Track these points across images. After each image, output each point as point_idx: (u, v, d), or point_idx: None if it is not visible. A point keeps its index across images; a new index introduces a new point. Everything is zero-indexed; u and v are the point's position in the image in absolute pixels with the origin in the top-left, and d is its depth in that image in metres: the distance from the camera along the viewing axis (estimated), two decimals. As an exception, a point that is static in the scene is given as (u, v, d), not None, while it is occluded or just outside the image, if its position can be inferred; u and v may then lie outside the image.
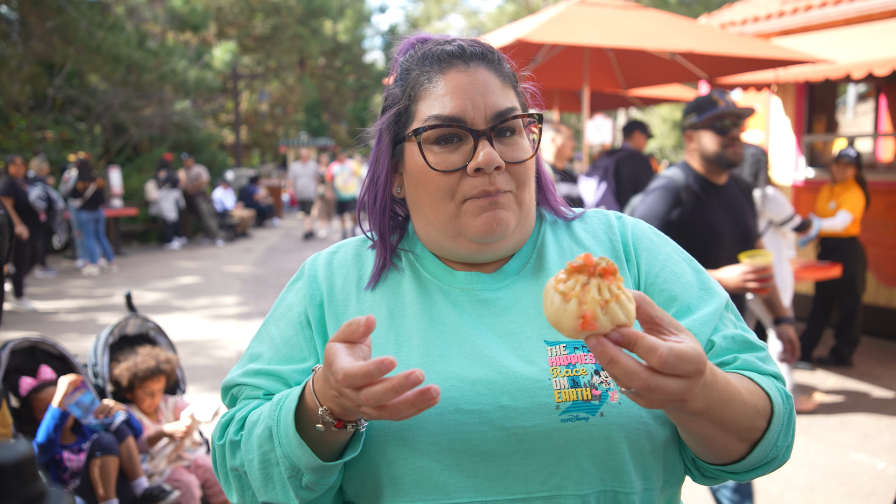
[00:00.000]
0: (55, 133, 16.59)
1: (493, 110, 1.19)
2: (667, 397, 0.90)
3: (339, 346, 0.99)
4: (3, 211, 2.72)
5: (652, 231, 1.34)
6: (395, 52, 1.34)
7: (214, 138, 24.18)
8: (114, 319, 8.66)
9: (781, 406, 1.12)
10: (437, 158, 1.19)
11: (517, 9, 34.70)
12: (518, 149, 1.22)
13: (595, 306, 0.89)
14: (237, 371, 1.28)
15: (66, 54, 15.85)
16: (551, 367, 1.13)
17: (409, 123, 1.23)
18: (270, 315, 1.34)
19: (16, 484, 0.45)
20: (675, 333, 0.93)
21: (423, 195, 1.23)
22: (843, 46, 8.00)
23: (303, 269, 1.35)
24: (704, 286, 1.26)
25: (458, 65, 1.21)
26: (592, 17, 6.73)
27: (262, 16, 30.13)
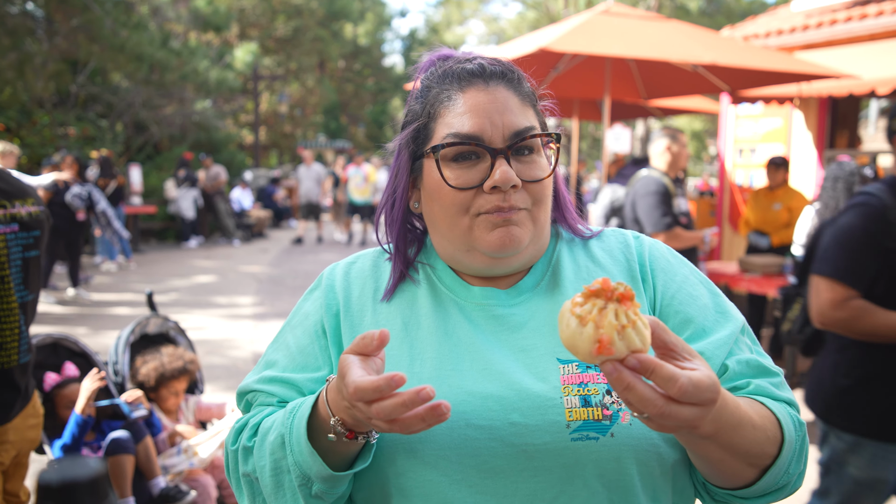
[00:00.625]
0: (77, 130, 16.77)
1: (511, 129, 1.20)
2: (679, 424, 0.91)
3: (353, 359, 1.00)
4: (43, 208, 2.79)
5: (669, 252, 1.35)
6: (417, 68, 1.34)
7: (234, 138, 24.36)
8: (131, 316, 8.74)
9: (793, 433, 1.13)
10: (454, 175, 1.20)
11: (538, 16, 34.71)
12: (535, 167, 1.22)
13: (612, 331, 0.89)
14: (253, 377, 1.30)
15: (90, 52, 16.03)
16: (563, 385, 1.14)
17: (428, 140, 1.24)
18: (287, 323, 1.36)
19: (88, 500, 0.46)
20: (689, 360, 0.94)
21: (438, 210, 1.24)
22: (867, 61, 7.95)
23: (321, 278, 1.37)
24: (720, 309, 1.26)
25: (477, 83, 1.22)
26: (615, 28, 6.73)
27: (284, 18, 30.35)
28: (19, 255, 2.68)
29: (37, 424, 2.84)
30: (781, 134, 9.46)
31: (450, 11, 43.44)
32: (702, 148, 36.61)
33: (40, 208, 2.79)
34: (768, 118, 9.66)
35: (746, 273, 7.05)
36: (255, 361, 7.28)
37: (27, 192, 2.77)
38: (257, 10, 29.16)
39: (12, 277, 2.63)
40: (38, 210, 2.77)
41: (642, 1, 29.29)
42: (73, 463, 0.49)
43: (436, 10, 47.47)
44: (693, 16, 28.38)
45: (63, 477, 0.47)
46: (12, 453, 2.71)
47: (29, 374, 2.76)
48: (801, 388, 6.63)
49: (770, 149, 9.48)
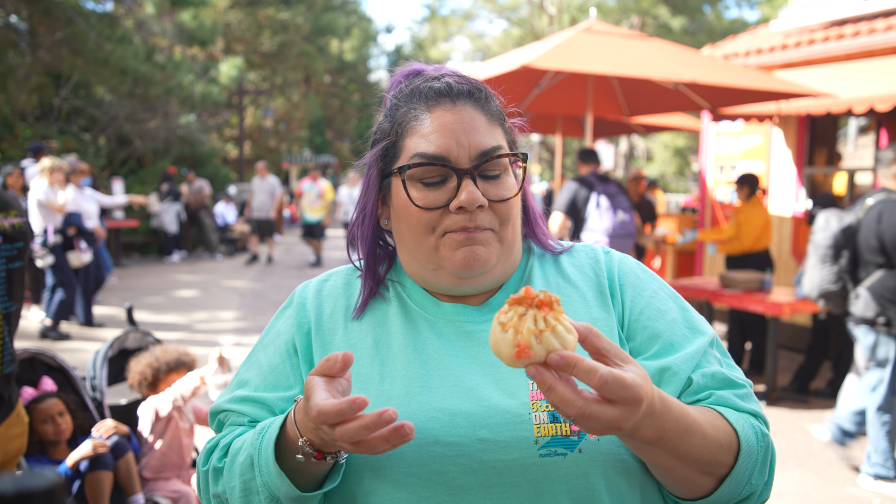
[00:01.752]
0: (60, 143, 16.64)
1: (478, 149, 1.20)
2: (604, 425, 0.92)
3: (317, 381, 1.01)
4: (25, 220, 2.79)
5: (639, 267, 1.36)
6: (390, 82, 1.36)
7: (218, 153, 24.29)
8: (113, 330, 8.66)
9: (754, 443, 1.13)
10: (421, 195, 1.21)
11: (523, 33, 34.98)
12: (502, 187, 1.23)
13: (530, 336, 0.92)
14: (225, 397, 1.30)
15: (73, 65, 15.96)
16: (531, 401, 1.14)
17: (396, 159, 1.25)
18: (260, 341, 1.36)
19: (44, 510, 0.47)
20: (620, 364, 0.95)
21: (405, 228, 1.25)
22: (844, 81, 8.08)
23: (293, 296, 1.37)
24: (689, 324, 1.27)
25: (444, 103, 1.23)
26: (598, 46, 6.80)
27: (270, 33, 30.38)
28: (3, 266, 2.68)
29: (22, 433, 2.82)
30: (761, 151, 9.58)
31: (435, 28, 43.67)
32: (684, 165, 36.92)
33: (23, 220, 2.79)
34: (748, 135, 9.78)
35: (727, 289, 7.10)
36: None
37: (9, 204, 2.77)
38: (243, 25, 29.19)
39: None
40: (20, 221, 2.77)
41: (625, 19, 29.63)
42: (29, 474, 0.49)
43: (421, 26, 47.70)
44: (675, 34, 28.70)
45: (18, 487, 0.47)
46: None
47: (12, 384, 2.75)
48: (784, 402, 6.67)
49: (750, 166, 9.58)
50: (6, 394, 2.70)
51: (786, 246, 9.08)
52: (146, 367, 3.98)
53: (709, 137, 10.38)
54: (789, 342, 8.76)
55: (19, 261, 2.76)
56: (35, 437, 3.59)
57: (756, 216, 7.52)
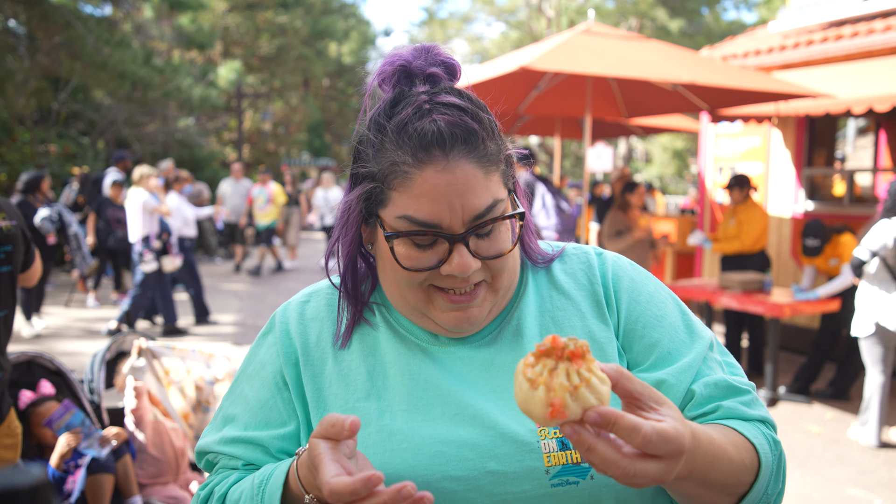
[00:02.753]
0: (58, 147, 16.65)
1: (472, 213, 1.10)
2: (649, 481, 0.88)
3: (324, 448, 0.96)
4: (15, 223, 2.75)
5: (633, 269, 1.30)
6: (371, 77, 1.24)
7: (217, 156, 24.29)
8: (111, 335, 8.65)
9: (770, 456, 1.10)
10: (409, 253, 1.12)
11: (521, 35, 35.01)
12: (497, 242, 1.15)
13: (563, 393, 0.86)
14: (213, 436, 1.23)
15: (72, 69, 15.96)
16: (539, 427, 1.11)
17: (383, 206, 1.13)
18: (242, 372, 1.29)
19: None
20: (657, 409, 0.91)
21: (391, 273, 1.17)
22: (843, 81, 8.08)
23: (273, 321, 1.29)
24: (688, 328, 1.23)
25: (436, 158, 1.09)
26: (596, 47, 6.79)
27: (268, 36, 30.39)
28: None
29: (12, 445, 2.78)
30: (760, 152, 9.57)
31: (433, 31, 43.69)
32: (683, 166, 36.93)
33: (12, 223, 2.74)
34: (747, 137, 9.77)
35: (726, 290, 7.09)
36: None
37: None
38: (241, 29, 29.19)
39: None
40: (9, 224, 2.73)
41: (623, 21, 29.67)
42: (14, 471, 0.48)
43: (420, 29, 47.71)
44: (673, 36, 28.73)
45: (2, 484, 0.45)
46: None
47: (2, 393, 2.71)
48: (785, 403, 6.66)
49: (749, 167, 9.57)
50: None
51: (785, 247, 9.07)
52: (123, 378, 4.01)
53: (708, 139, 10.37)
54: (789, 343, 8.75)
55: (8, 265, 2.70)
56: (33, 440, 3.57)
57: (757, 216, 7.53)
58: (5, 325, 2.73)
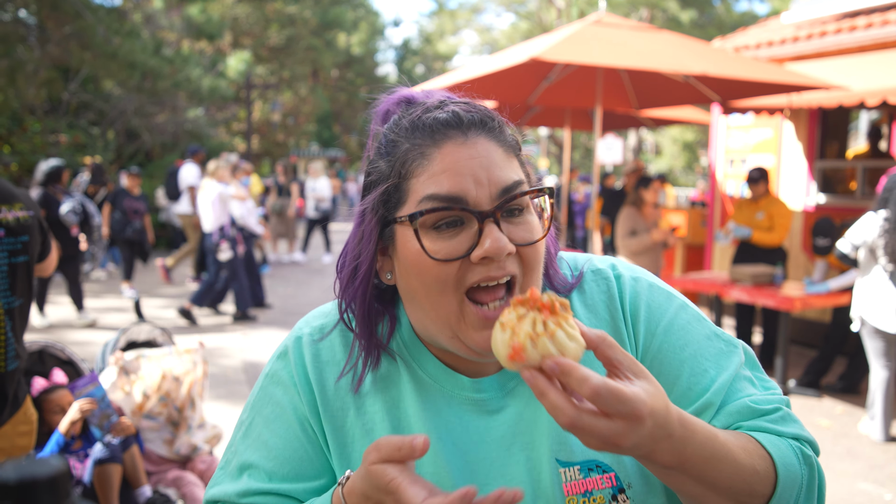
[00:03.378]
0: (69, 137, 16.71)
1: (499, 186, 1.05)
2: (597, 438, 0.87)
3: (396, 471, 0.92)
4: (32, 213, 2.76)
5: (650, 291, 1.22)
6: (374, 113, 1.19)
7: (226, 147, 24.31)
8: (120, 324, 8.68)
9: (797, 468, 1.05)
10: (436, 246, 1.04)
11: (531, 26, 34.87)
12: (528, 228, 1.08)
13: (526, 339, 0.88)
14: (230, 486, 1.15)
15: (82, 59, 16.00)
16: (567, 496, 1.07)
17: (401, 204, 1.07)
18: (257, 413, 1.19)
19: (48, 499, 0.45)
20: (632, 379, 0.90)
21: (418, 286, 1.08)
22: (856, 73, 8.00)
23: (285, 357, 1.20)
24: (714, 352, 1.16)
25: (454, 136, 1.06)
26: (607, 38, 6.75)
27: (277, 27, 30.38)
28: (5, 260, 2.65)
29: (28, 431, 2.80)
30: (772, 144, 9.51)
31: (443, 21, 43.57)
32: (693, 159, 36.77)
33: (29, 213, 2.76)
34: (759, 129, 9.71)
35: (737, 283, 7.06)
36: (245, 371, 7.24)
37: (15, 197, 2.74)
38: (251, 19, 29.19)
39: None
40: (26, 215, 2.74)
41: (634, 12, 29.50)
42: (32, 461, 0.47)
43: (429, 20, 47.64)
44: (685, 27, 28.56)
45: (21, 475, 0.45)
46: (1, 460, 2.68)
47: (18, 381, 2.72)
48: (794, 396, 6.64)
49: (761, 159, 9.52)
50: (11, 391, 2.67)
51: (796, 240, 9.02)
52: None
53: (719, 131, 10.31)
54: (799, 337, 8.71)
55: (24, 255, 2.72)
56: (45, 427, 3.60)
57: (786, 209, 7.40)
58: (21, 314, 2.75)
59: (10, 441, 2.68)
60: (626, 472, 1.09)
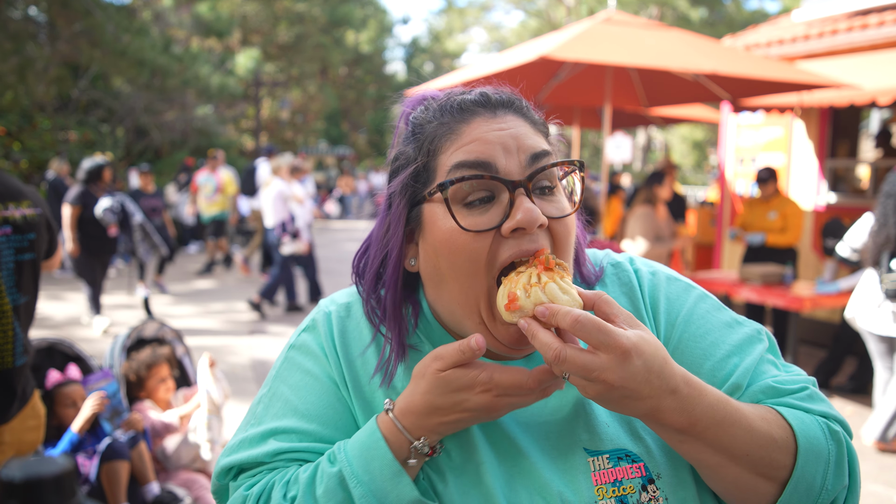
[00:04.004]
0: (78, 134, 16.77)
1: (528, 152, 1.04)
2: (582, 372, 0.91)
3: (475, 369, 1.00)
4: (39, 211, 2.76)
5: (669, 283, 1.21)
6: (400, 111, 1.19)
7: (234, 144, 24.38)
8: (129, 320, 8.72)
9: (822, 441, 1.02)
10: (467, 221, 1.03)
11: (540, 24, 34.79)
12: (558, 204, 1.07)
13: (519, 289, 0.97)
14: (253, 451, 1.11)
15: (91, 57, 16.05)
16: (596, 486, 1.05)
17: (430, 181, 1.06)
18: (281, 382, 1.17)
19: (54, 498, 0.44)
20: (624, 327, 0.94)
21: (447, 267, 1.05)
22: (868, 71, 7.94)
23: (314, 329, 1.19)
24: (734, 341, 1.14)
25: (482, 112, 1.07)
26: (617, 36, 6.73)
27: (286, 24, 30.41)
28: (11, 257, 2.65)
29: (36, 426, 2.81)
30: (782, 143, 9.45)
31: (452, 19, 43.52)
32: (702, 158, 36.63)
33: (37, 211, 2.76)
34: (769, 127, 9.65)
35: (746, 282, 7.02)
36: (253, 368, 7.25)
37: (22, 194, 2.74)
38: (259, 17, 29.22)
39: (4, 280, 2.61)
40: (33, 213, 2.74)
41: (644, 10, 29.39)
42: (39, 460, 0.47)
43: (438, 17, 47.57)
44: (694, 25, 28.43)
45: (27, 473, 0.44)
46: (9, 454, 2.69)
47: (25, 376, 2.73)
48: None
49: (771, 158, 9.47)
50: (19, 387, 2.68)
51: (806, 240, 8.97)
52: (127, 370, 4.04)
53: (729, 129, 10.26)
54: (809, 337, 8.67)
55: (31, 252, 2.72)
56: (55, 421, 3.62)
57: (798, 208, 7.37)
58: (27, 310, 2.76)
59: (18, 436, 2.69)
60: (656, 462, 1.08)
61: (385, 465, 1.00)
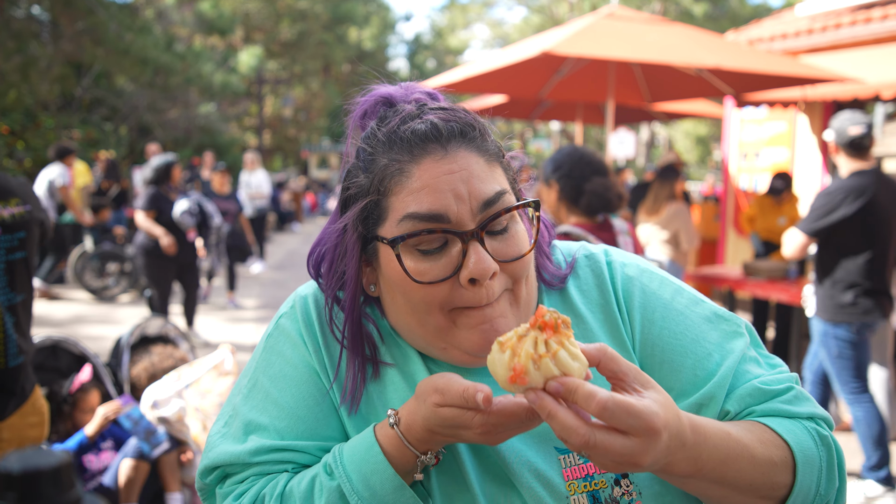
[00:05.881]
0: (82, 133, 16.80)
1: (480, 199, 1.02)
2: (613, 458, 0.84)
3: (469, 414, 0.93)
4: (29, 207, 2.74)
5: (644, 276, 1.19)
6: (352, 114, 1.17)
7: (238, 142, 24.43)
8: (134, 319, 8.74)
9: (814, 451, 1.03)
10: (420, 267, 1.02)
11: (542, 20, 34.75)
12: (513, 242, 1.06)
13: (527, 360, 0.85)
14: (234, 447, 1.09)
15: (94, 55, 16.08)
16: (567, 481, 1.04)
17: (382, 221, 1.05)
18: (261, 373, 1.15)
19: (52, 490, 0.44)
20: (640, 391, 0.87)
21: (404, 304, 1.07)
22: (872, 65, 7.92)
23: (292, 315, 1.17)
24: (716, 336, 1.12)
25: (433, 150, 1.03)
26: (619, 31, 6.71)
27: (289, 22, 30.42)
28: (2, 258, 2.63)
29: (38, 423, 2.81)
30: (786, 138, 9.43)
31: (454, 16, 43.50)
32: (706, 152, 36.57)
33: (26, 208, 2.73)
34: (773, 122, 9.63)
35: (750, 277, 7.01)
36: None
37: (11, 192, 2.71)
38: (262, 14, 29.25)
39: None
40: (22, 210, 2.71)
41: (646, 5, 29.33)
42: (36, 452, 0.47)
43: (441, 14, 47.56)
44: (698, 20, 28.37)
45: (25, 466, 0.45)
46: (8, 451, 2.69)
47: (23, 375, 2.71)
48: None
49: (774, 153, 9.45)
50: (17, 386, 2.67)
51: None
52: (143, 372, 4.04)
53: (732, 124, 10.24)
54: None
55: (21, 251, 2.70)
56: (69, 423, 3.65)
57: None
58: (24, 309, 2.75)
59: (18, 433, 2.68)
60: None
61: (386, 480, 0.99)
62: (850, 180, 4.38)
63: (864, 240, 4.41)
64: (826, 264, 4.56)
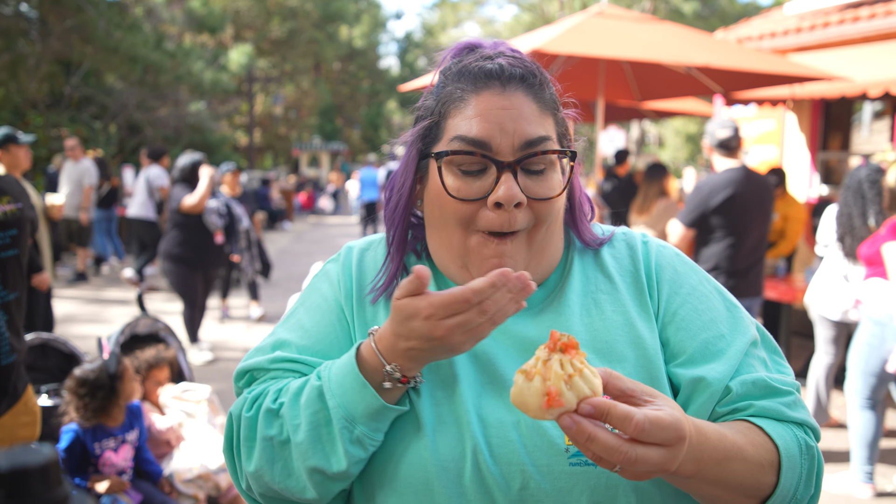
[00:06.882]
0: (71, 131, 16.71)
1: (523, 138, 1.12)
2: (651, 469, 0.88)
3: (419, 300, 1.00)
4: (20, 205, 2.73)
5: (678, 259, 1.29)
6: (443, 55, 1.29)
7: (228, 140, 24.35)
8: (124, 317, 8.70)
9: (797, 457, 1.08)
10: (458, 184, 1.14)
11: (533, 18, 34.76)
12: (545, 185, 1.15)
13: (559, 382, 0.87)
14: (261, 357, 1.23)
15: (83, 53, 16.00)
16: None
17: (437, 140, 1.18)
18: (301, 303, 1.31)
19: (39, 488, 0.45)
20: (651, 401, 0.91)
21: (439, 216, 1.19)
22: (860, 64, 7.97)
23: (337, 260, 1.33)
24: (732, 323, 1.20)
25: (493, 86, 1.15)
26: (609, 30, 6.73)
27: (279, 19, 30.34)
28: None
29: (30, 423, 2.80)
30: (775, 136, 9.48)
31: (445, 14, 43.47)
32: (696, 151, 36.69)
33: (17, 205, 2.72)
34: (762, 120, 9.68)
35: (739, 274, 7.04)
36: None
37: (2, 190, 2.70)
38: (252, 12, 29.15)
39: None
40: (14, 208, 2.70)
41: (636, 3, 29.38)
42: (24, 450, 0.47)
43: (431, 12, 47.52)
44: (687, 18, 28.45)
45: (13, 463, 0.45)
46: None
47: (15, 374, 2.71)
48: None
49: (763, 151, 9.50)
50: (10, 385, 2.66)
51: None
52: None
53: (721, 122, 10.28)
54: (801, 329, 8.70)
55: (14, 248, 2.69)
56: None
57: (800, 210, 7.14)
58: (17, 307, 2.74)
59: (10, 432, 2.67)
60: None
61: (353, 379, 1.07)
62: (720, 176, 4.95)
63: (727, 228, 4.92)
64: (698, 250, 5.09)
